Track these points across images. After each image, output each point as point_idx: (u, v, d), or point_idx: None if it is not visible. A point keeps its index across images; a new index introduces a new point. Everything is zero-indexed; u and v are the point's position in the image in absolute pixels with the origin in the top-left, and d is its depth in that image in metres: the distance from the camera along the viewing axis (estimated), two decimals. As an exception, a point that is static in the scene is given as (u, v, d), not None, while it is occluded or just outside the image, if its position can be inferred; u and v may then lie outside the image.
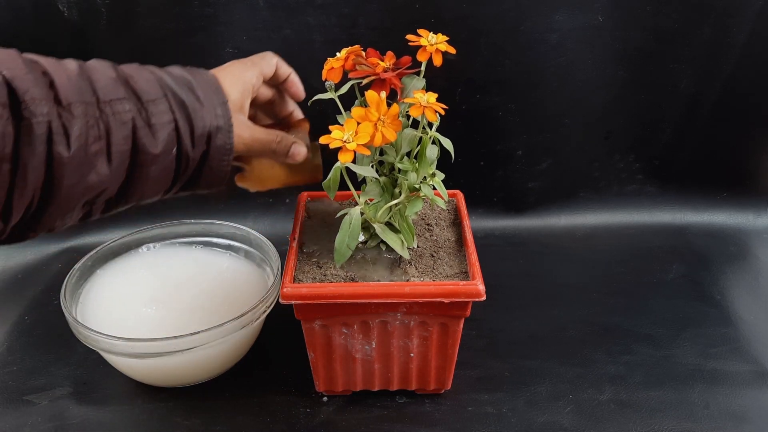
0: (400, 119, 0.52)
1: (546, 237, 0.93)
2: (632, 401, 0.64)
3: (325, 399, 0.65)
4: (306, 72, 0.60)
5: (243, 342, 0.66)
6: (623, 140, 0.93)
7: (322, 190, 0.56)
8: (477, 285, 0.55)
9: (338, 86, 0.56)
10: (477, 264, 0.57)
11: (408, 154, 0.58)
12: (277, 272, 0.68)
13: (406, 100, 0.52)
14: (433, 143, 0.56)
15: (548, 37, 0.83)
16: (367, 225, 0.59)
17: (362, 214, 0.56)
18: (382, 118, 0.51)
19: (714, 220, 0.95)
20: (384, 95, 0.51)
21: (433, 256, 0.60)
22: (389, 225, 0.59)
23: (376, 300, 0.55)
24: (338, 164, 0.51)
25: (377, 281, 0.57)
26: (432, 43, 0.54)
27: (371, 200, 0.58)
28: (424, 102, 0.51)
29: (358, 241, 0.61)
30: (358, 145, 0.49)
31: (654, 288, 0.82)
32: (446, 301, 0.55)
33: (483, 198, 0.94)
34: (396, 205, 0.58)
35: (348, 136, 0.50)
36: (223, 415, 0.63)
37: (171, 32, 0.79)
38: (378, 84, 0.53)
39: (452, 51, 0.54)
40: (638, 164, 0.94)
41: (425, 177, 0.57)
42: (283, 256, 0.61)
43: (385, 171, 0.59)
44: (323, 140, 0.50)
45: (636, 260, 0.87)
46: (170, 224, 0.77)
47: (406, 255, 0.59)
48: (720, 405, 0.64)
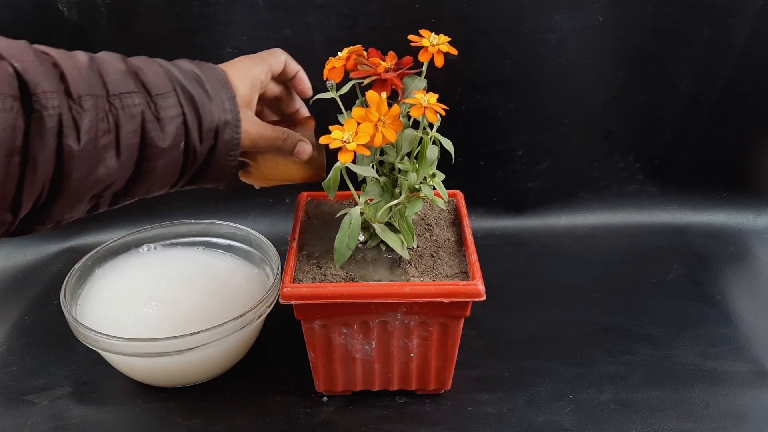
0: (401, 120, 0.52)
1: (546, 237, 0.93)
2: (632, 401, 0.64)
3: (325, 399, 0.65)
4: (306, 72, 0.60)
5: (243, 342, 0.66)
6: (623, 140, 0.93)
7: (323, 190, 0.56)
8: (477, 285, 0.55)
9: (339, 86, 0.56)
10: (477, 264, 0.57)
11: (408, 155, 0.58)
12: (277, 272, 0.68)
13: (407, 101, 0.52)
14: (434, 144, 0.56)
15: (548, 37, 0.83)
16: (367, 225, 0.59)
17: (362, 214, 0.56)
18: (383, 119, 0.51)
19: (714, 220, 0.95)
20: (385, 95, 0.51)
21: (433, 256, 0.60)
22: (389, 225, 0.59)
23: (376, 300, 0.55)
24: (338, 164, 0.51)
25: (377, 281, 0.57)
26: (434, 44, 0.54)
27: (371, 200, 0.58)
28: (425, 103, 0.51)
29: (358, 241, 0.61)
30: (359, 146, 0.49)
31: (654, 288, 0.82)
32: (446, 301, 0.55)
33: (483, 198, 0.94)
34: (396, 206, 0.58)
35: (348, 136, 0.50)
36: (223, 415, 0.63)
37: (171, 32, 0.79)
38: (379, 84, 0.53)
39: (454, 52, 0.54)
40: (638, 164, 0.94)
41: (425, 177, 0.57)
42: (283, 256, 0.61)
43: (386, 171, 0.59)
44: (323, 140, 0.50)
45: (636, 260, 0.87)
46: (170, 224, 0.77)
47: (406, 255, 0.59)
48: (720, 405, 0.64)
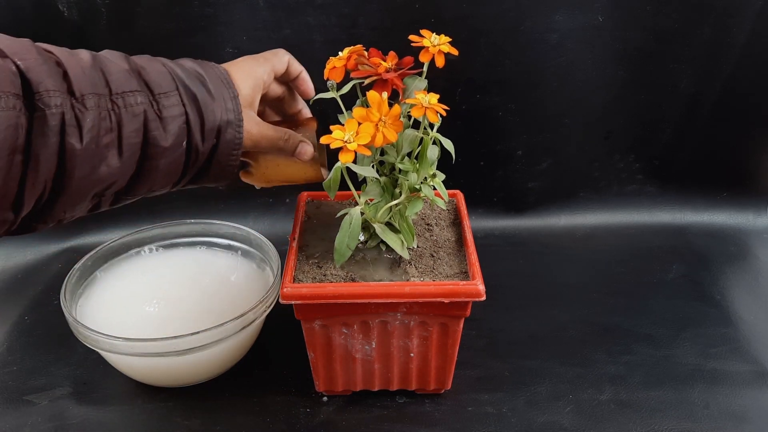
0: (402, 120, 0.52)
1: (546, 237, 0.93)
2: (632, 401, 0.64)
3: (325, 399, 0.65)
4: (306, 72, 0.60)
5: (243, 342, 0.66)
6: (623, 140, 0.93)
7: (323, 190, 0.56)
8: (477, 285, 0.55)
9: (340, 86, 0.56)
10: (477, 264, 0.57)
11: (409, 155, 0.58)
12: (277, 272, 0.68)
13: (408, 101, 0.52)
14: (434, 144, 0.56)
15: (548, 37, 0.83)
16: (367, 225, 0.59)
17: (362, 214, 0.56)
18: (384, 119, 0.51)
19: (714, 220, 0.95)
20: (386, 95, 0.51)
21: (433, 256, 0.60)
22: (389, 225, 0.59)
23: (376, 300, 0.55)
24: (339, 164, 0.51)
25: (377, 281, 0.57)
26: (435, 44, 0.54)
27: (371, 200, 0.58)
28: (426, 103, 0.51)
29: (358, 241, 0.61)
30: (359, 146, 0.49)
31: (654, 288, 0.82)
32: (446, 301, 0.55)
33: (483, 198, 0.94)
34: (396, 206, 0.58)
35: (349, 136, 0.50)
36: (223, 415, 0.63)
37: (171, 32, 0.79)
38: (380, 84, 0.53)
39: (455, 52, 0.54)
40: (638, 164, 0.95)
41: (426, 177, 0.57)
42: (283, 256, 0.61)
43: (386, 171, 0.59)
44: (324, 140, 0.50)
45: (636, 260, 0.87)
46: (170, 224, 0.77)
47: (406, 255, 0.59)
48: (720, 405, 0.64)
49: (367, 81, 0.54)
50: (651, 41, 0.84)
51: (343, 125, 0.51)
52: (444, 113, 0.51)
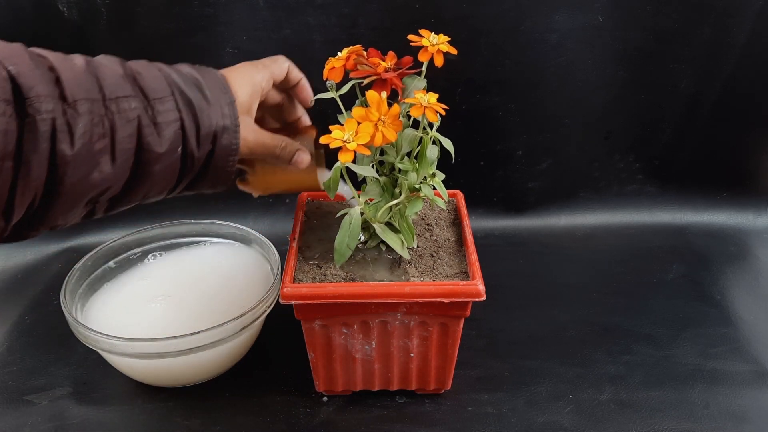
0: (401, 119, 0.52)
1: (546, 237, 0.93)
2: (632, 401, 0.64)
3: (325, 399, 0.65)
4: (306, 72, 0.60)
5: (243, 342, 0.66)
6: (623, 140, 0.93)
7: (323, 190, 0.56)
8: (477, 285, 0.55)
9: (339, 86, 0.56)
10: (477, 264, 0.57)
11: (408, 154, 0.58)
12: (277, 272, 0.68)
13: (407, 101, 0.52)
14: (434, 143, 0.56)
15: (548, 37, 0.83)
16: (367, 225, 0.59)
17: (362, 214, 0.56)
18: (383, 118, 0.51)
19: (714, 220, 0.95)
20: (385, 95, 0.51)
21: (433, 256, 0.60)
22: (389, 225, 0.59)
23: (376, 300, 0.55)
24: (338, 164, 0.51)
25: (377, 281, 0.57)
26: (433, 44, 0.54)
27: (371, 200, 0.58)
28: (425, 102, 0.51)
29: (358, 241, 0.61)
30: (359, 145, 0.49)
31: (654, 288, 0.82)
32: (446, 301, 0.55)
33: (483, 198, 0.94)
34: (396, 205, 0.58)
35: (348, 136, 0.50)
36: (223, 415, 0.63)
37: (171, 32, 0.79)
38: (379, 84, 0.53)
39: (454, 51, 0.54)
40: (638, 164, 0.95)
41: (425, 177, 0.57)
42: (283, 256, 0.61)
43: (386, 171, 0.59)
44: (323, 140, 0.50)
45: (636, 260, 0.87)
46: (170, 224, 0.77)
47: (406, 255, 0.59)
48: (720, 405, 0.64)
49: (366, 81, 0.54)
50: (651, 41, 0.84)
51: (343, 125, 0.51)
52: (443, 112, 0.51)
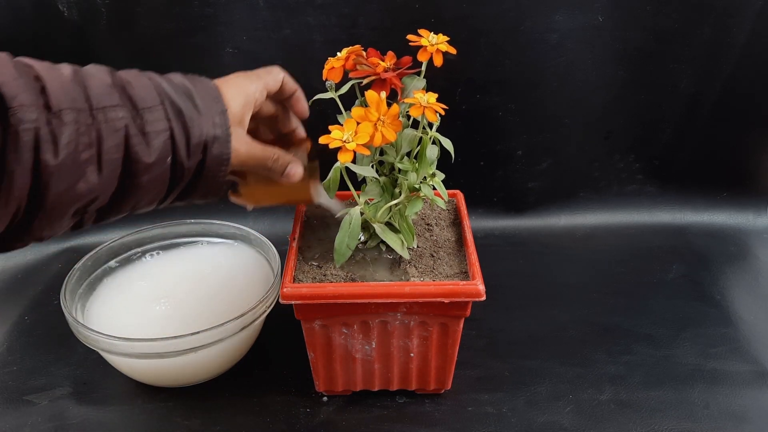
0: (400, 119, 0.52)
1: (546, 237, 0.93)
2: (632, 401, 0.64)
3: (325, 399, 0.65)
4: (306, 72, 0.60)
5: (243, 342, 0.66)
6: (623, 140, 0.93)
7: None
8: (477, 285, 0.55)
9: (339, 86, 0.56)
10: (477, 264, 0.57)
11: (408, 154, 0.58)
12: (277, 272, 0.68)
13: (407, 100, 0.52)
14: (433, 143, 0.56)
15: (548, 37, 0.83)
16: (367, 225, 0.59)
17: (362, 214, 0.56)
18: (382, 118, 0.51)
19: (714, 220, 0.95)
20: (384, 95, 0.51)
21: (433, 256, 0.60)
22: (389, 225, 0.59)
23: (376, 300, 0.55)
24: (338, 164, 0.51)
25: (377, 281, 0.57)
26: (433, 44, 0.54)
27: (371, 200, 0.58)
28: (425, 102, 0.51)
29: (358, 241, 0.61)
30: (358, 145, 0.49)
31: (654, 288, 0.82)
32: (446, 301, 0.55)
33: (483, 198, 0.94)
34: (396, 205, 0.58)
35: (348, 136, 0.50)
36: (223, 415, 0.63)
37: (171, 32, 0.79)
38: (378, 84, 0.53)
39: (453, 51, 0.54)
40: (638, 164, 0.95)
41: (425, 177, 0.57)
42: (283, 256, 0.61)
43: (385, 171, 0.59)
44: (323, 140, 0.50)
45: (636, 260, 0.87)
46: (170, 224, 0.77)
47: (406, 255, 0.59)
48: (720, 405, 0.64)
49: (366, 81, 0.54)
50: (651, 41, 0.84)
51: (342, 125, 0.51)
52: (442, 112, 0.52)
